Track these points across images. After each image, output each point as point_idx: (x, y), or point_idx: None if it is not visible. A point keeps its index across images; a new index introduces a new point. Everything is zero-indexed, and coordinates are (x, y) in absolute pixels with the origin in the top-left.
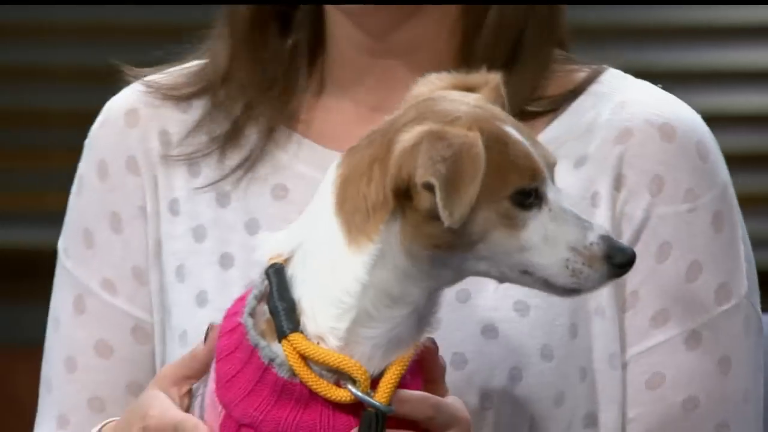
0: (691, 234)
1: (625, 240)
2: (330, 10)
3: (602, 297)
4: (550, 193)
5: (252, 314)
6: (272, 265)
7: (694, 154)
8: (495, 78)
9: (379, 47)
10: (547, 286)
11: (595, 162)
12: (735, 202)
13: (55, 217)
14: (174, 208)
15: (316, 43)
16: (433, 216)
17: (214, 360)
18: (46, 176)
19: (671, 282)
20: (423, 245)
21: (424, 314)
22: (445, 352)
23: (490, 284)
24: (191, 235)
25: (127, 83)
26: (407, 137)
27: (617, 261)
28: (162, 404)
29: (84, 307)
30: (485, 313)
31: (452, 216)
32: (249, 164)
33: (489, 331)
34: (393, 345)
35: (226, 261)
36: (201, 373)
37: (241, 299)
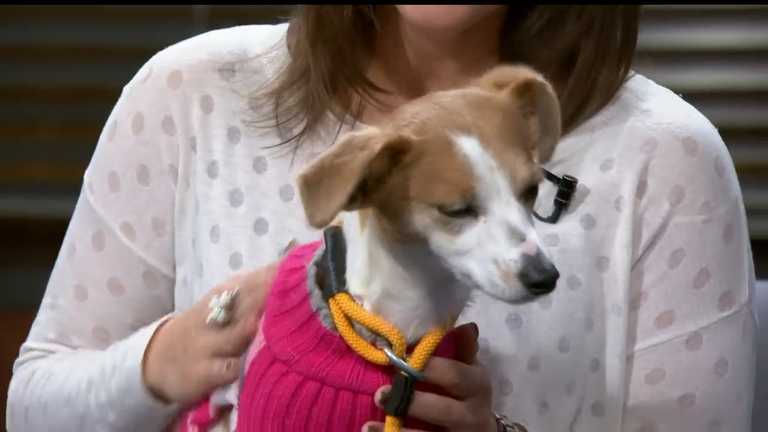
0: (703, 243)
1: (641, 244)
2: (403, 19)
3: (619, 296)
4: (493, 204)
5: (317, 263)
6: (331, 228)
7: (712, 169)
8: (521, 76)
9: (442, 54)
10: (482, 291)
11: (620, 167)
12: (744, 214)
13: (42, 187)
14: (212, 171)
15: (379, 42)
16: (381, 213)
17: (268, 292)
18: (33, 148)
19: (680, 286)
20: (386, 238)
21: (441, 299)
22: None
23: None
24: (227, 198)
25: (109, 62)
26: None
27: (531, 280)
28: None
29: (103, 245)
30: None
31: (312, 218)
32: (299, 139)
33: (513, 320)
34: (421, 321)
35: (260, 226)
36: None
37: (309, 246)
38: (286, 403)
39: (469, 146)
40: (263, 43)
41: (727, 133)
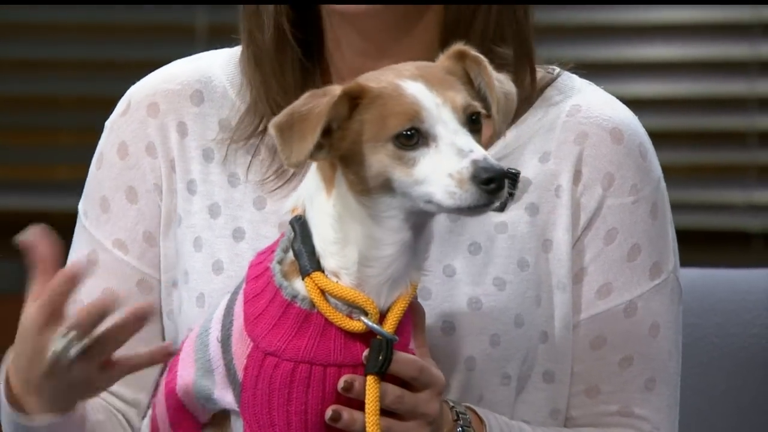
0: (633, 222)
1: (580, 226)
2: (330, 16)
3: (563, 274)
4: (441, 131)
5: (279, 262)
6: (296, 217)
7: (637, 154)
8: (453, 48)
9: (372, 50)
10: (443, 209)
11: (558, 159)
12: (666, 191)
13: (64, 186)
14: (191, 188)
15: (316, 50)
16: (346, 165)
17: (242, 302)
18: (56, 152)
19: (615, 261)
20: (352, 191)
21: (408, 257)
22: (436, 321)
23: (473, 261)
24: (207, 212)
25: (122, 74)
26: None
27: (481, 178)
28: (28, 308)
29: (96, 260)
30: (469, 287)
31: (288, 160)
32: (256, 151)
33: (474, 303)
34: (393, 282)
35: (237, 234)
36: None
37: (262, 253)
38: (287, 391)
39: (415, 87)
40: (223, 67)
41: (668, 137)
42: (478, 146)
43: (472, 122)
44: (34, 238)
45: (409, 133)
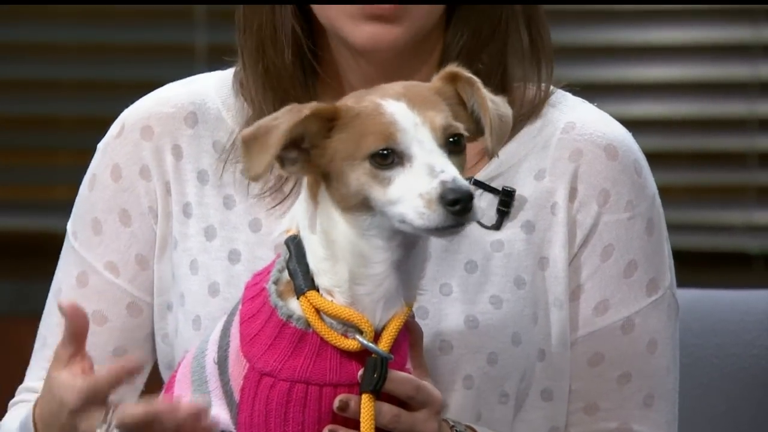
0: (629, 238)
1: (576, 243)
2: (340, 46)
3: (560, 291)
4: (417, 150)
5: (276, 282)
6: (291, 237)
7: (632, 171)
8: (446, 69)
9: (380, 77)
10: (415, 230)
11: (553, 176)
12: (661, 208)
13: (62, 206)
14: (187, 211)
15: (324, 73)
16: (328, 183)
17: (239, 322)
18: (54, 172)
19: (612, 278)
20: (336, 208)
21: (399, 274)
22: (433, 339)
23: (470, 279)
24: (203, 234)
25: (121, 95)
26: None
27: (448, 199)
28: (66, 382)
29: (86, 282)
30: (466, 306)
31: (249, 171)
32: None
33: (470, 321)
34: (387, 300)
35: (233, 257)
36: (75, 351)
37: (259, 274)
38: (283, 411)
39: (396, 107)
40: (216, 89)
41: (668, 158)
42: (450, 167)
43: (454, 143)
44: (73, 310)
45: (384, 152)
